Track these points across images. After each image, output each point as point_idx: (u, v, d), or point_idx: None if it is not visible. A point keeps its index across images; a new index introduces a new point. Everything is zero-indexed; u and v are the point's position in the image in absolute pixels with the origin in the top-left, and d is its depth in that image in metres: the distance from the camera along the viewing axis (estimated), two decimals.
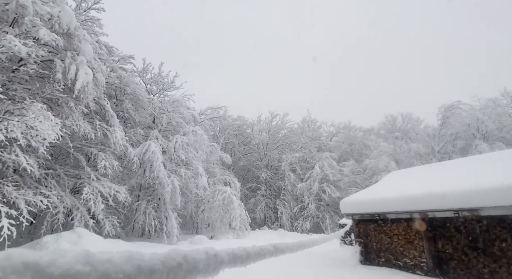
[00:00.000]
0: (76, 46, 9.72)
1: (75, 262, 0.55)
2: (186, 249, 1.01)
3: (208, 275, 1.04)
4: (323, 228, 21.32)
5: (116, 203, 11.59)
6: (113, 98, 14.33)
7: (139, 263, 0.72)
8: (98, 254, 0.64)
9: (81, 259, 0.57)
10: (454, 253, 6.28)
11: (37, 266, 0.47)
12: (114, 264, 0.65)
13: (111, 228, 10.53)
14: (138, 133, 14.27)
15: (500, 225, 5.61)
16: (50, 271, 0.49)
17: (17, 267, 0.45)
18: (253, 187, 26.03)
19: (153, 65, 16.40)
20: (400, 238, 7.35)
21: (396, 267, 7.28)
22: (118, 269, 0.65)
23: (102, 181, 10.89)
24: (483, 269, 5.75)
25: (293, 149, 26.92)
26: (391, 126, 28.02)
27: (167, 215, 12.68)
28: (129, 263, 0.69)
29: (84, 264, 0.57)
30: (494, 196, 5.28)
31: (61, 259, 0.53)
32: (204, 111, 22.03)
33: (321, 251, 8.94)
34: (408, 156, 23.22)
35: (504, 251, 5.49)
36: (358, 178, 22.93)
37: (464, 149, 23.70)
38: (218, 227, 14.81)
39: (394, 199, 7.29)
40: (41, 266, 0.48)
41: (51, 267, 0.49)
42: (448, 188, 6.20)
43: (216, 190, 15.15)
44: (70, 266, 0.53)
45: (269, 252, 1.69)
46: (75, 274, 0.54)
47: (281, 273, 5.96)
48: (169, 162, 14.21)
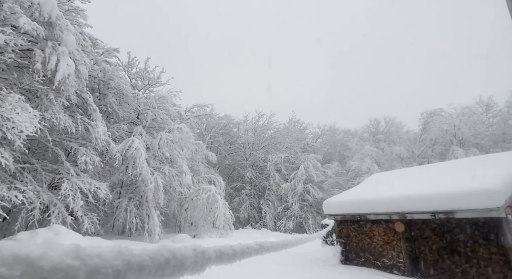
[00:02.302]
0: (58, 36, 9.36)
1: (65, 256, 0.55)
2: (175, 246, 1.01)
3: (195, 271, 1.04)
4: (306, 228, 21.60)
5: (96, 200, 11.26)
6: (96, 92, 13.91)
7: (129, 259, 0.72)
8: (88, 249, 0.64)
9: (71, 253, 0.56)
10: (430, 253, 6.54)
11: (27, 259, 0.46)
12: (103, 259, 0.64)
13: (90, 226, 10.21)
14: (122, 129, 13.92)
15: (473, 227, 5.89)
16: (41, 265, 0.48)
17: (7, 259, 0.44)
18: (238, 186, 26.01)
19: (138, 60, 16.05)
20: (379, 238, 7.58)
21: (375, 267, 7.49)
22: (108, 264, 0.65)
23: (82, 177, 10.55)
24: (455, 269, 6.02)
25: (279, 149, 27.11)
26: (374, 130, 28.77)
27: (149, 213, 12.45)
28: (119, 259, 0.69)
29: (74, 258, 0.57)
30: (468, 200, 5.54)
31: (52, 253, 0.52)
32: (190, 108, 21.79)
33: (303, 251, 9.06)
34: (389, 159, 23.94)
35: (475, 252, 5.77)
36: (341, 180, 23.41)
37: (442, 153, 24.71)
38: (202, 226, 14.69)
39: (374, 201, 7.50)
40: (31, 259, 0.47)
41: (41, 261, 0.49)
42: (426, 191, 6.45)
43: (200, 189, 15.02)
44: (61, 260, 0.53)
45: (255, 250, 1.71)
46: (66, 268, 0.53)
47: (264, 272, 6.00)
48: (153, 159, 13.95)
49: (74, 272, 0.55)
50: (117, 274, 0.66)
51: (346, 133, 32.39)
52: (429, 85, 60.84)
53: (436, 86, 58.44)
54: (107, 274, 0.63)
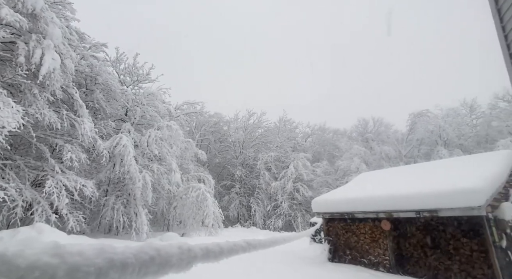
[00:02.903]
0: (43, 29, 9.08)
1: (43, 253, 0.53)
2: (160, 243, 1.00)
3: (181, 269, 1.04)
4: (295, 227, 21.77)
5: (82, 197, 11.01)
6: (83, 87, 13.58)
7: (111, 256, 0.70)
8: (68, 246, 0.62)
9: (49, 251, 0.55)
10: (414, 251, 6.71)
11: (3, 257, 0.45)
12: (84, 257, 0.63)
13: (76, 224, 9.99)
14: (109, 126, 13.65)
15: (455, 225, 6.08)
16: (17, 263, 0.46)
17: None
18: (227, 184, 25.94)
19: (127, 56, 15.74)
20: (366, 236, 7.71)
21: (361, 264, 7.63)
22: (89, 262, 0.63)
23: (68, 174, 10.30)
24: (438, 265, 6.20)
25: (269, 148, 27.16)
26: (363, 129, 29.21)
27: (137, 211, 12.27)
28: (101, 256, 0.68)
29: (52, 255, 0.55)
30: (451, 199, 5.71)
31: (29, 250, 0.50)
32: (180, 105, 21.55)
33: (292, 249, 9.14)
34: (377, 159, 24.37)
35: (457, 249, 5.96)
36: (330, 179, 23.68)
37: (427, 154, 25.34)
38: (190, 224, 14.58)
39: (362, 200, 7.63)
40: (7, 257, 0.46)
41: (18, 259, 0.47)
42: (411, 190, 6.61)
43: (189, 187, 14.90)
44: (38, 258, 0.51)
45: (242, 248, 1.71)
46: (43, 266, 0.52)
47: (253, 269, 6.02)
48: (141, 156, 13.75)
49: (52, 270, 0.53)
50: (99, 272, 0.65)
51: (336, 132, 32.77)
52: (419, 86, 62.11)
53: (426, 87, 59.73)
54: (88, 272, 0.62)
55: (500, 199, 6.08)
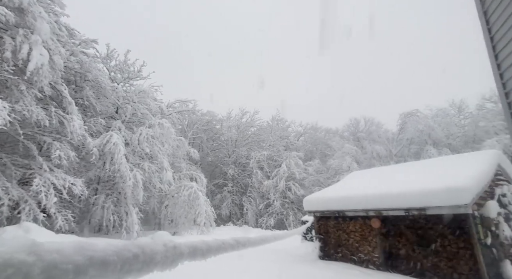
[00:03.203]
0: (30, 24, 8.87)
1: (17, 251, 0.52)
2: (145, 241, 0.99)
3: (166, 267, 1.03)
4: (287, 225, 21.88)
5: (71, 196, 10.83)
6: (72, 84, 13.33)
7: (91, 254, 0.69)
8: (45, 244, 0.61)
9: (25, 249, 0.54)
10: (403, 248, 6.82)
11: None
12: (63, 254, 0.62)
13: (64, 223, 9.83)
14: (99, 123, 13.44)
15: (443, 223, 6.20)
16: None
17: None
18: (220, 183, 25.88)
19: (118, 52, 15.51)
20: (356, 234, 7.81)
21: (351, 262, 7.72)
22: (67, 260, 0.62)
23: (56, 172, 10.11)
24: (426, 263, 6.32)
25: (262, 147, 27.18)
26: (354, 129, 29.49)
27: (127, 210, 12.14)
28: (80, 254, 0.66)
29: (28, 253, 0.54)
30: (438, 197, 5.82)
31: (1, 248, 0.49)
32: (172, 103, 21.37)
33: (284, 247, 9.19)
34: (368, 158, 24.66)
35: (445, 247, 6.08)
36: (322, 177, 23.86)
37: (417, 153, 25.76)
38: (182, 223, 14.51)
39: (352, 198, 7.71)
40: None
41: None
42: (401, 189, 6.71)
43: (181, 186, 14.81)
44: (11, 256, 0.50)
45: (231, 245, 1.71)
46: (18, 264, 0.51)
47: (244, 268, 6.03)
48: (132, 155, 13.59)
49: (27, 268, 0.52)
50: (78, 270, 0.64)
51: (328, 132, 33.01)
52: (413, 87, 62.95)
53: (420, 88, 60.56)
54: (66, 270, 0.61)
55: (486, 198, 6.23)
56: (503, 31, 2.67)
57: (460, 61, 47.92)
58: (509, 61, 2.67)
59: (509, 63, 2.66)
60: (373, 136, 27.70)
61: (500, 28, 2.70)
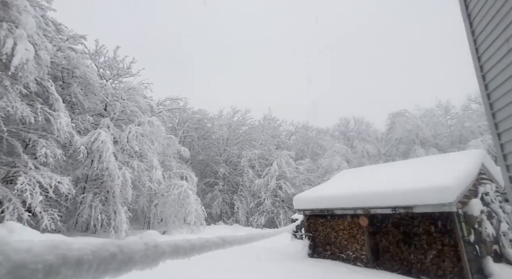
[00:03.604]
0: (15, 18, 8.62)
1: None
2: (125, 240, 0.98)
3: (146, 266, 1.02)
4: (277, 223, 21.97)
5: (58, 195, 10.61)
6: (59, 80, 13.03)
7: (65, 253, 0.68)
8: (15, 243, 0.59)
9: None
10: (390, 246, 6.95)
11: None
12: (33, 254, 0.60)
13: (50, 222, 9.62)
14: (87, 120, 13.18)
15: (428, 221, 6.34)
16: None
17: None
18: (210, 182, 25.77)
19: (107, 48, 15.22)
20: (345, 232, 7.91)
21: (340, 260, 7.82)
22: (38, 259, 0.61)
23: (42, 170, 9.87)
24: (412, 260, 6.46)
25: (253, 145, 27.18)
26: (344, 128, 29.82)
27: (115, 209, 11.96)
28: (53, 253, 0.65)
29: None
30: (424, 195, 5.95)
31: None
32: (162, 101, 21.13)
33: (274, 246, 9.24)
34: (358, 157, 24.98)
35: (430, 244, 6.22)
36: (312, 176, 24.04)
37: (405, 152, 26.24)
38: (172, 222, 14.40)
39: (341, 197, 7.81)
40: None
41: None
42: (388, 188, 6.83)
43: (171, 184, 14.68)
44: None
45: (216, 244, 1.70)
46: None
47: (233, 266, 6.03)
48: (121, 153, 13.38)
49: None
50: (49, 270, 0.62)
51: (319, 131, 33.27)
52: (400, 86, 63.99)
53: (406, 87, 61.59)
54: (36, 270, 0.59)
55: (470, 196, 6.40)
56: (486, 34, 2.74)
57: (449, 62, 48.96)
58: (490, 63, 2.74)
59: (491, 65, 2.74)
60: (363, 135, 28.08)
61: (482, 30, 2.78)
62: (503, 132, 2.71)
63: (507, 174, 2.72)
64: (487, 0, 2.66)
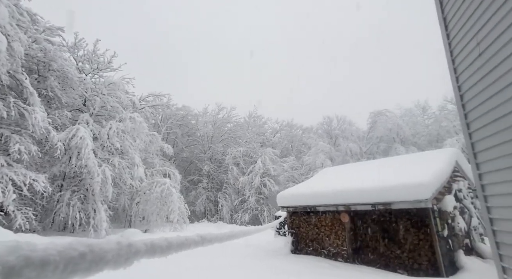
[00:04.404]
0: None
1: None
2: (96, 240, 0.95)
3: (119, 265, 1.00)
4: (261, 220, 22.10)
5: (33, 193, 10.19)
6: (35, 73, 12.45)
7: (27, 254, 0.65)
8: None
9: None
10: (369, 241, 7.15)
11: None
12: None
13: (25, 221, 9.23)
14: (65, 116, 12.68)
15: (406, 217, 6.57)
16: None
17: None
18: (194, 179, 25.52)
19: (87, 42, 14.66)
20: (327, 229, 8.07)
21: (321, 255, 7.98)
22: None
23: (15, 167, 9.43)
24: (390, 254, 6.68)
25: (238, 143, 27.12)
26: (328, 127, 30.32)
27: (95, 207, 11.62)
28: (14, 254, 0.62)
29: None
30: (402, 192, 6.16)
31: None
32: (145, 97, 20.65)
33: (257, 243, 9.30)
34: (342, 155, 25.48)
35: (406, 239, 6.46)
36: (296, 173, 24.32)
37: (386, 150, 27.04)
38: (154, 220, 14.17)
39: (323, 194, 7.95)
40: None
41: None
42: (368, 185, 7.02)
43: (154, 182, 14.42)
44: None
45: (195, 242, 1.69)
46: None
47: (215, 263, 6.02)
48: (101, 150, 12.99)
49: None
50: (9, 272, 0.60)
51: (303, 129, 33.63)
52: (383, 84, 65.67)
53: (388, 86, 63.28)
54: None
55: (444, 193, 6.69)
56: (459, 37, 2.86)
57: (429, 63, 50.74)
58: (464, 65, 2.86)
59: (464, 67, 2.86)
60: (346, 133, 28.67)
61: (457, 34, 2.89)
62: (473, 131, 2.85)
63: (477, 171, 2.86)
64: (461, 4, 2.77)
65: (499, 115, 2.40)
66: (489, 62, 2.45)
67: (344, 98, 61.10)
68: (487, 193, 2.78)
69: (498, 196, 2.62)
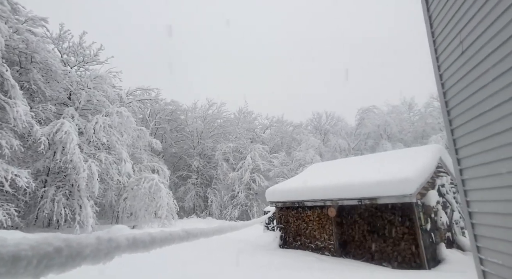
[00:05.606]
0: None
1: None
2: (74, 235, 0.93)
3: (99, 260, 0.98)
4: (251, 216, 22.21)
5: (15, 188, 9.90)
6: (16, 65, 12.00)
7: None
8: None
9: None
10: (356, 235, 7.30)
11: None
12: None
13: (6, 218, 8.97)
14: (49, 110, 12.30)
15: (391, 211, 6.73)
16: None
17: None
18: (183, 175, 25.34)
19: (72, 34, 14.21)
20: (314, 223, 8.18)
21: (309, 249, 8.10)
22: None
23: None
24: (376, 248, 6.84)
25: (228, 139, 27.03)
26: (317, 123, 30.58)
27: (81, 203, 11.39)
28: None
29: None
30: (388, 187, 6.29)
31: None
32: (132, 91, 20.27)
33: (246, 238, 9.33)
34: (330, 151, 25.78)
35: (391, 232, 6.62)
36: (286, 169, 24.47)
37: (373, 147, 27.54)
38: (142, 216, 14.02)
39: (311, 189, 8.04)
40: None
41: None
42: (355, 180, 7.13)
43: (142, 177, 14.23)
44: None
45: (179, 237, 1.68)
46: None
47: (204, 257, 6.02)
48: (87, 144, 12.70)
49: None
50: None
51: (295, 126, 33.76)
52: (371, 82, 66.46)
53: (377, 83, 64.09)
54: None
55: (428, 188, 6.88)
56: (444, 36, 2.91)
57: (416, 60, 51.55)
58: (447, 63, 2.92)
59: (448, 65, 2.92)
60: (335, 129, 29.00)
61: (441, 32, 2.95)
62: (455, 128, 2.92)
63: (458, 167, 2.95)
64: (445, 4, 2.82)
65: (480, 112, 2.47)
66: (472, 60, 2.51)
67: (335, 95, 61.59)
68: (467, 187, 2.87)
69: (477, 191, 2.71)
